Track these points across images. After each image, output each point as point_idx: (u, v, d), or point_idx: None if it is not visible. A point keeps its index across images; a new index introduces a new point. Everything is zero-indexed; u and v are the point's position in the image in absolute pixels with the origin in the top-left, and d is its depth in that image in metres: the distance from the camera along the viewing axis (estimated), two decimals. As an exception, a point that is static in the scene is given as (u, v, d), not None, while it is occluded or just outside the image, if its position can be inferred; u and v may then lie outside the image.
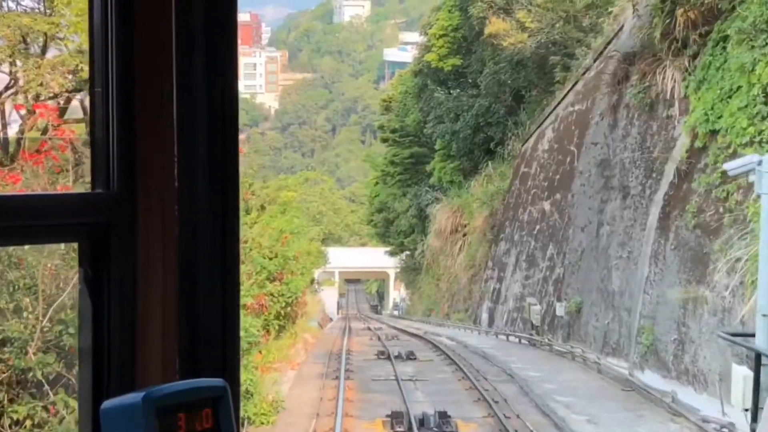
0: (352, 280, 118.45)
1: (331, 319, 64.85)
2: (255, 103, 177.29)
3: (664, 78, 21.53)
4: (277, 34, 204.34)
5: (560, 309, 26.98)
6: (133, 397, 1.29)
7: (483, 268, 44.63)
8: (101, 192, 1.60)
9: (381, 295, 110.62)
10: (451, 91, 52.70)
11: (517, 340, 28.17)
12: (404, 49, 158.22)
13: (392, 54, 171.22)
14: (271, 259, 22.83)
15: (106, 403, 1.32)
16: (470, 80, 52.01)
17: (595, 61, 32.46)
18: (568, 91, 35.82)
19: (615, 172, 24.27)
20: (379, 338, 28.41)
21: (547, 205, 34.84)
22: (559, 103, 37.12)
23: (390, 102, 65.14)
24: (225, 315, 1.61)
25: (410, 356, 22.29)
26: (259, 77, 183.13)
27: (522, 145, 43.32)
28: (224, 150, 1.61)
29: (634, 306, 21.15)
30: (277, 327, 23.40)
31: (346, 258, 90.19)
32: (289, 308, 25.75)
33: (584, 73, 33.93)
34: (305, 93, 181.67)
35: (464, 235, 49.76)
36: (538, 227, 35.45)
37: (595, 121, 27.83)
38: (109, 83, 1.59)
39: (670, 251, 19.54)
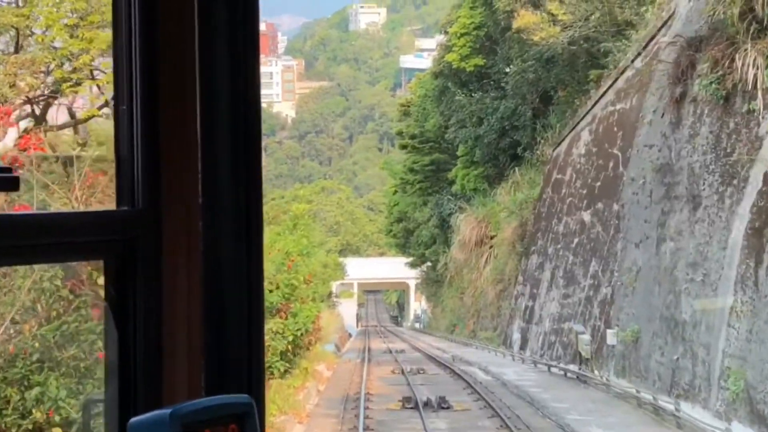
0: (371, 290, 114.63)
1: (350, 335, 61.00)
2: (272, 112, 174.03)
3: (743, 65, 17.52)
4: (293, 43, 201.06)
5: (612, 337, 22.95)
6: (161, 413, 1.28)
7: (513, 283, 40.61)
8: (126, 209, 1.61)
9: (401, 306, 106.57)
10: (474, 94, 48.75)
11: (561, 372, 24.16)
12: (420, 56, 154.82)
13: (409, 61, 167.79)
14: (271, 291, 18.99)
15: (133, 420, 1.31)
16: (494, 81, 48.03)
17: (639, 53, 28.45)
18: (607, 89, 31.82)
19: (680, 179, 20.24)
20: (402, 372, 24.47)
21: (586, 216, 30.81)
22: (596, 102, 33.12)
23: (408, 106, 61.20)
24: (250, 331, 1.59)
25: (442, 404, 18.37)
26: (276, 86, 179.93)
27: (553, 150, 39.31)
28: (247, 166, 1.60)
29: (714, 341, 17.12)
30: (282, 369, 19.56)
31: (364, 269, 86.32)
32: (299, 341, 21.86)
33: (626, 69, 29.92)
34: (322, 101, 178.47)
35: (491, 246, 45.76)
36: (576, 240, 31.42)
37: (648, 120, 23.84)
38: (133, 101, 1.59)
39: (764, 276, 15.52)
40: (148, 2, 1.60)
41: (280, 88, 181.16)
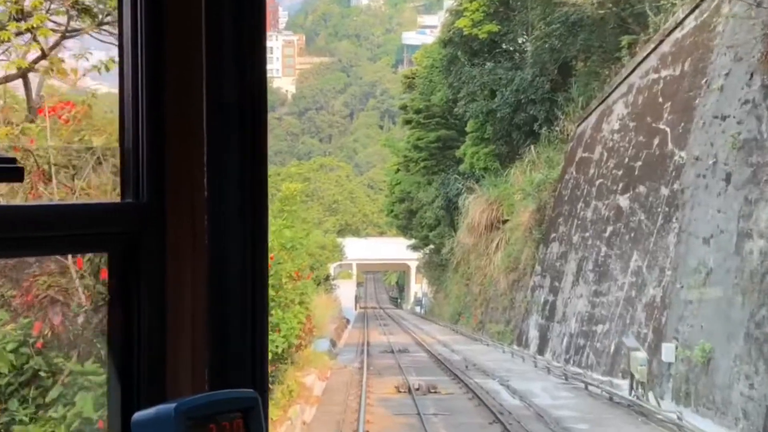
0: (371, 271, 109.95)
1: (347, 321, 56.20)
2: (272, 87, 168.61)
3: None
4: (294, 18, 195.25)
5: (668, 353, 18.15)
6: (165, 408, 1.26)
7: (529, 273, 35.79)
8: (131, 202, 1.59)
9: (401, 287, 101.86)
10: (486, 64, 43.68)
11: (604, 394, 19.34)
12: (423, 33, 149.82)
13: (411, 37, 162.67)
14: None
15: (137, 415, 1.29)
16: (509, 50, 43.01)
17: (695, 8, 23.50)
18: (648, 54, 26.87)
19: (776, 159, 15.35)
20: (409, 390, 19.67)
21: (624, 201, 25.94)
22: (633, 70, 28.15)
23: (413, 78, 56.05)
24: (254, 325, 1.57)
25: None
26: (276, 61, 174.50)
27: (577, 126, 34.37)
28: (253, 160, 1.58)
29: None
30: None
31: (364, 249, 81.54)
32: (281, 356, 17.04)
33: (674, 30, 24.96)
34: (323, 77, 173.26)
35: (503, 231, 40.91)
36: (610, 229, 26.55)
37: (718, 86, 18.93)
38: (138, 93, 1.56)
39: None
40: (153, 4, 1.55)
41: (281, 63, 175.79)
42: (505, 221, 40.93)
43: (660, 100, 24.93)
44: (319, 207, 78.13)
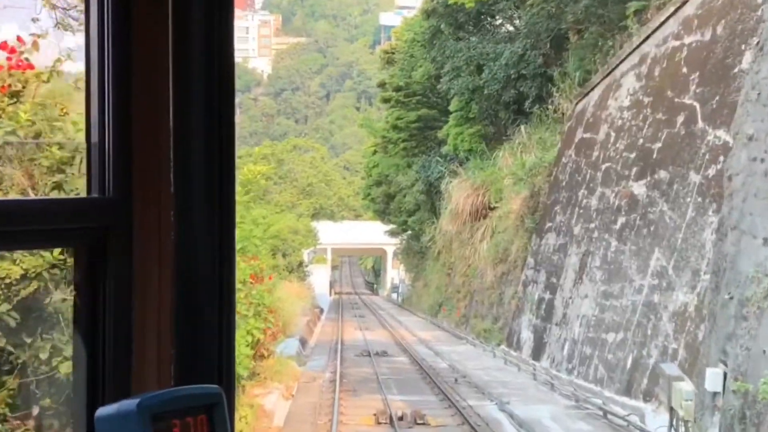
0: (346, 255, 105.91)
1: (321, 311, 52.12)
2: (247, 67, 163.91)
3: None
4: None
5: (714, 380, 14.20)
6: (128, 403, 1.24)
7: (520, 266, 31.88)
8: (97, 197, 1.56)
9: (377, 272, 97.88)
10: (472, 37, 39.54)
11: (631, 428, 15.40)
12: (401, 13, 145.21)
13: (389, 18, 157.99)
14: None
15: (101, 410, 1.27)
16: (498, 22, 38.89)
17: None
18: (667, 19, 22.88)
19: None
20: (391, 419, 15.66)
21: (639, 188, 22.00)
22: (646, 38, 24.17)
23: (393, 53, 51.74)
24: (221, 321, 1.53)
25: None
26: (252, 41, 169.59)
27: (576, 103, 30.41)
28: (221, 155, 1.53)
29: None
30: None
31: (339, 233, 77.34)
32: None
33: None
34: (299, 58, 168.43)
35: (490, 218, 36.97)
36: (622, 220, 22.62)
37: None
38: (105, 87, 1.53)
39: None
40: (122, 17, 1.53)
41: (256, 43, 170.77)
42: (492, 208, 36.98)
43: (684, 70, 20.96)
44: (293, 190, 73.75)
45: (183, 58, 1.52)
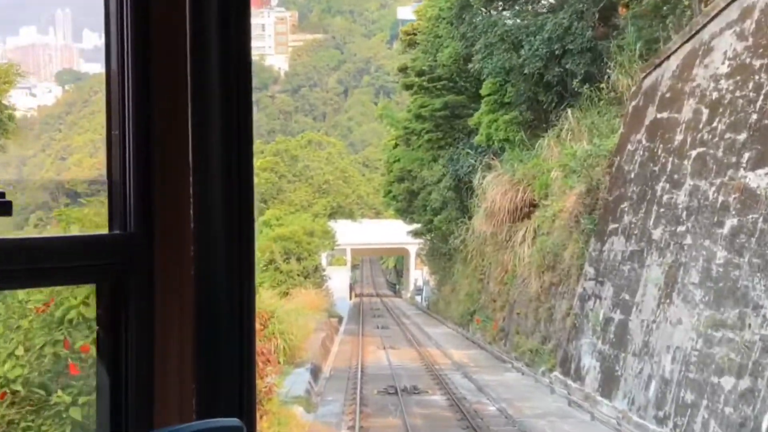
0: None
1: (340, 320, 46.29)
2: (264, 65, 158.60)
3: None
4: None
5: None
6: None
7: (575, 276, 25.85)
8: (118, 234, 1.56)
9: (399, 272, 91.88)
10: (506, 8, 33.49)
11: None
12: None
13: (406, 12, 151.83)
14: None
15: None
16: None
17: None
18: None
19: None
20: None
21: (758, 179, 15.91)
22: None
23: (415, 34, 45.67)
24: (241, 355, 1.53)
25: None
26: (268, 38, 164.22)
27: (643, 78, 24.29)
28: (240, 192, 1.54)
29: None
30: None
31: (358, 233, 71.42)
32: None
33: None
34: (316, 54, 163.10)
35: (533, 218, 30.98)
36: (733, 222, 16.53)
37: None
38: (126, 127, 1.54)
39: None
40: (141, 26, 1.53)
41: (273, 40, 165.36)
42: (535, 205, 30.98)
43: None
44: (308, 188, 67.85)
45: (201, 99, 1.51)
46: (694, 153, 19.19)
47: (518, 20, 31.93)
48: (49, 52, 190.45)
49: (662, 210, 20.25)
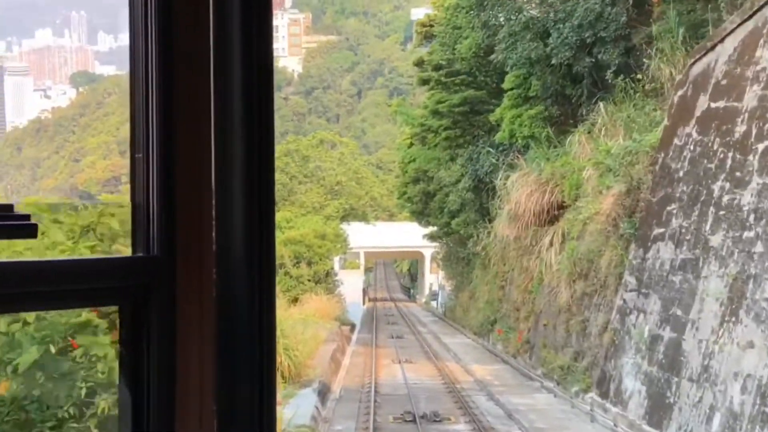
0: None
1: (352, 329, 43.55)
2: (277, 67, 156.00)
3: None
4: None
5: None
6: None
7: (612, 287, 22.95)
8: (142, 256, 1.59)
9: (413, 276, 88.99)
10: (532, -5, 30.61)
11: None
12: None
13: (420, 14, 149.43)
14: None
15: None
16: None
17: None
18: None
19: None
20: None
21: None
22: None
23: (431, 26, 42.85)
24: (262, 377, 1.56)
25: None
26: (282, 40, 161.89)
27: (691, 65, 21.34)
28: (261, 215, 1.57)
29: None
30: None
31: (372, 236, 68.64)
32: None
33: None
34: (329, 56, 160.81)
35: (562, 221, 28.10)
36: (821, 227, 13.59)
37: None
38: (149, 149, 1.57)
39: None
40: (164, 47, 1.55)
41: (287, 42, 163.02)
42: (564, 206, 28.09)
43: None
44: (320, 189, 65.04)
45: (224, 120, 1.53)
46: (761, 146, 16.26)
47: (545, 6, 29.02)
48: (65, 55, 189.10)
49: (722, 213, 17.32)
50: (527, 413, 19.49)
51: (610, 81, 27.56)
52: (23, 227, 1.42)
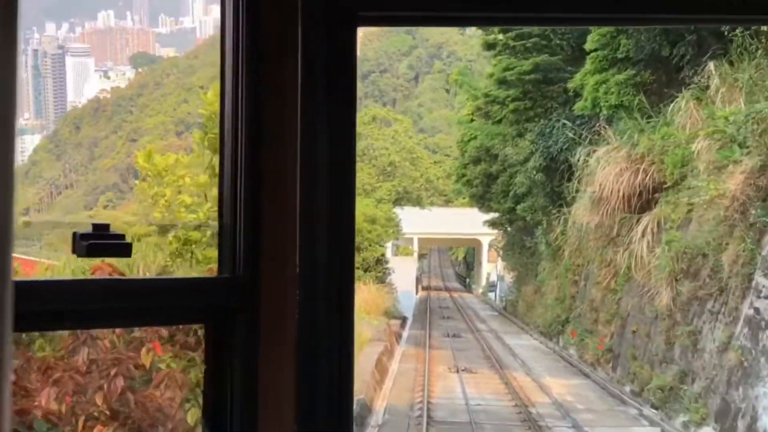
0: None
1: (403, 323, 38.48)
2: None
3: None
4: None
5: None
6: None
7: (737, 290, 17.39)
8: (228, 276, 1.57)
9: (469, 264, 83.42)
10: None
11: None
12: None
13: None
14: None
15: None
16: None
17: None
18: None
19: None
20: None
21: None
22: None
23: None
24: (341, 398, 1.54)
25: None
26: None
27: None
28: (342, 239, 1.56)
29: None
30: None
31: (426, 221, 63.26)
32: None
33: None
34: (387, 39, 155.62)
35: (661, 205, 22.49)
36: None
37: None
38: (237, 175, 1.56)
39: None
40: (252, 96, 1.53)
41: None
42: (665, 187, 22.48)
43: None
44: (371, 170, 59.83)
45: (310, 144, 1.53)
46: None
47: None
48: (126, 36, 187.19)
49: None
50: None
51: (723, 37, 21.82)
52: (118, 246, 1.45)
